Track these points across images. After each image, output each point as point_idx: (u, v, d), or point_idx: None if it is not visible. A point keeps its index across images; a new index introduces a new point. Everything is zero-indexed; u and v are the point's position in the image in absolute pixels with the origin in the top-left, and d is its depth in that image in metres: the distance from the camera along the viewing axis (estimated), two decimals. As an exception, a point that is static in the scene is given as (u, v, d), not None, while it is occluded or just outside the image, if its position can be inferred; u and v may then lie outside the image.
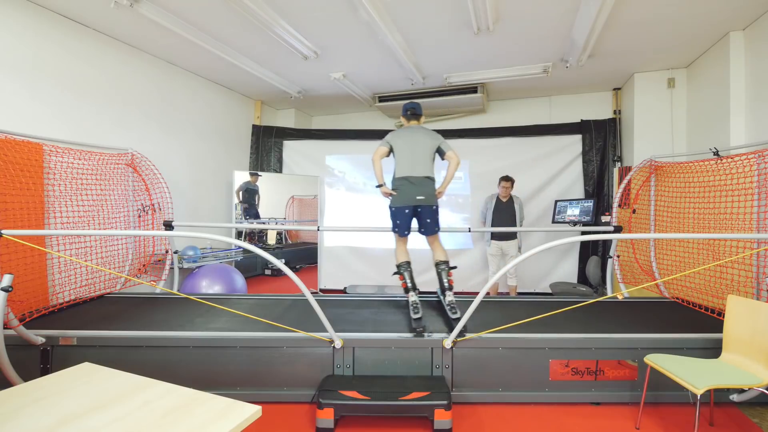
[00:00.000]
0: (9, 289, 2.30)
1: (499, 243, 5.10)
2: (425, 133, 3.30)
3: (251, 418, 1.30)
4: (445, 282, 3.25)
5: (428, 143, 3.24)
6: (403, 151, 3.23)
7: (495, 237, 5.12)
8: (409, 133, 3.30)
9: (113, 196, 4.01)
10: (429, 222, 3.23)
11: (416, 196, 3.15)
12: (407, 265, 3.28)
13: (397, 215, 3.24)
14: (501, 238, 5.08)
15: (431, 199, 3.19)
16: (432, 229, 3.26)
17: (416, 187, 3.16)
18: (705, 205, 3.68)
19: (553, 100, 6.06)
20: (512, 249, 5.06)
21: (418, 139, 3.25)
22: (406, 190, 3.17)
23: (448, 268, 3.30)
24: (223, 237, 2.57)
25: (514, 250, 5.05)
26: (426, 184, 3.18)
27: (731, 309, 2.48)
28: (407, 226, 3.25)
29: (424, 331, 2.83)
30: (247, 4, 3.38)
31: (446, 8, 3.54)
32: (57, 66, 3.61)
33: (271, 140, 6.35)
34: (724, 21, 3.78)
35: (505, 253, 5.10)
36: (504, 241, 5.07)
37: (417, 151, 3.20)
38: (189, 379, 2.69)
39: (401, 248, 3.35)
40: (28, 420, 1.26)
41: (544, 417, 2.58)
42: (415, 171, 3.18)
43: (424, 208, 3.20)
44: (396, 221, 3.26)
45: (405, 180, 3.18)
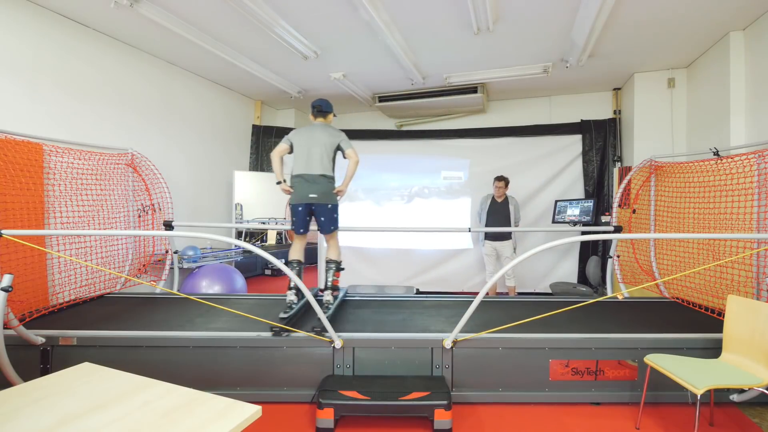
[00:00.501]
0: (9, 289, 2.30)
1: (493, 243, 5.08)
2: (325, 131, 3.28)
3: (251, 418, 1.30)
4: (329, 281, 3.28)
5: (326, 141, 3.23)
6: (301, 148, 3.25)
7: (489, 237, 5.10)
8: (308, 131, 3.30)
9: (113, 196, 4.01)
10: (323, 220, 3.24)
11: (309, 194, 3.16)
12: (297, 264, 3.27)
13: (293, 212, 3.25)
14: (495, 239, 5.06)
15: (325, 198, 3.19)
16: (327, 227, 3.26)
17: (310, 185, 3.17)
18: (705, 205, 3.68)
19: (553, 100, 6.07)
20: (507, 250, 5.03)
21: (316, 136, 3.24)
22: (301, 187, 3.19)
23: (336, 268, 3.34)
24: (223, 237, 2.57)
25: (508, 251, 5.03)
26: (320, 182, 3.18)
27: (731, 309, 2.48)
28: (302, 223, 3.25)
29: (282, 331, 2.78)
30: (247, 4, 3.39)
31: (446, 8, 3.54)
32: (57, 66, 3.61)
33: (271, 140, 6.34)
34: (724, 21, 3.78)
35: (499, 254, 5.08)
36: (497, 241, 5.05)
37: (314, 149, 3.21)
38: (189, 379, 2.69)
39: (296, 246, 3.34)
40: (28, 420, 1.26)
41: (544, 417, 2.58)
42: (310, 169, 3.18)
43: (318, 207, 3.20)
44: (293, 218, 3.26)
45: (300, 178, 3.20)
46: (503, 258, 5.05)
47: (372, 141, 6.29)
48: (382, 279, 6.02)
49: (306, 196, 3.16)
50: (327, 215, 3.23)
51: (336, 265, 3.36)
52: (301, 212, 3.21)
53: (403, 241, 6.05)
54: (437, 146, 6.11)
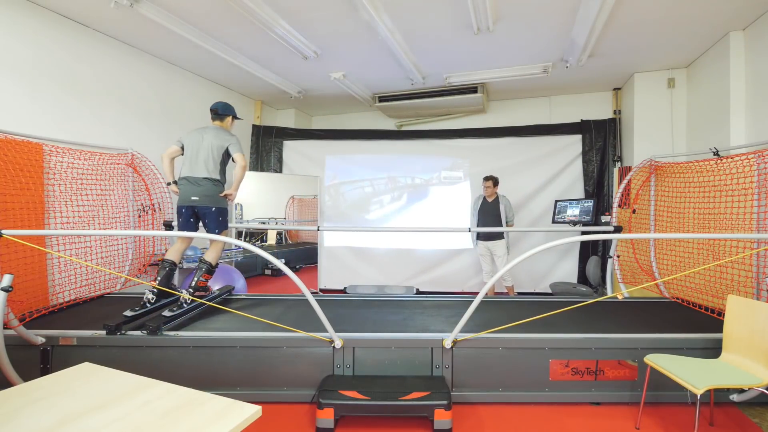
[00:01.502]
0: (9, 289, 2.30)
1: (485, 243, 5.08)
2: (215, 134, 3.28)
3: (251, 418, 1.30)
4: (194, 281, 3.24)
5: (214, 144, 3.23)
6: (189, 150, 3.26)
7: (480, 237, 5.11)
8: (199, 133, 3.30)
9: (113, 196, 4.01)
10: (207, 222, 3.25)
11: (191, 196, 3.17)
12: (170, 264, 3.23)
13: (178, 212, 3.26)
14: (486, 239, 5.06)
15: (207, 200, 3.18)
16: (210, 230, 3.26)
17: (193, 187, 3.17)
18: (705, 205, 3.68)
19: (553, 100, 6.06)
20: (499, 249, 5.03)
21: (205, 139, 3.25)
22: (185, 189, 3.19)
23: (207, 270, 3.27)
24: (223, 237, 2.57)
25: (501, 251, 5.02)
26: (204, 184, 3.18)
27: (731, 309, 2.48)
28: (185, 225, 3.24)
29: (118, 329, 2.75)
30: (247, 4, 3.38)
31: (446, 8, 3.54)
32: (57, 66, 3.61)
33: (271, 140, 6.34)
34: (724, 21, 3.78)
35: (493, 254, 5.08)
36: (489, 241, 5.05)
37: (201, 151, 3.21)
38: (189, 379, 2.69)
39: (175, 246, 3.31)
40: (28, 420, 1.26)
41: (544, 417, 2.58)
42: (195, 171, 3.19)
43: (200, 209, 3.21)
44: (179, 218, 3.27)
45: (185, 180, 3.21)
46: (497, 258, 5.05)
47: (372, 141, 6.29)
48: (382, 279, 6.02)
49: (188, 198, 3.17)
50: (210, 218, 3.23)
51: (207, 267, 3.28)
52: (185, 214, 3.22)
53: (403, 241, 6.05)
54: (437, 146, 6.12)
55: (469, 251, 5.90)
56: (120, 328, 2.77)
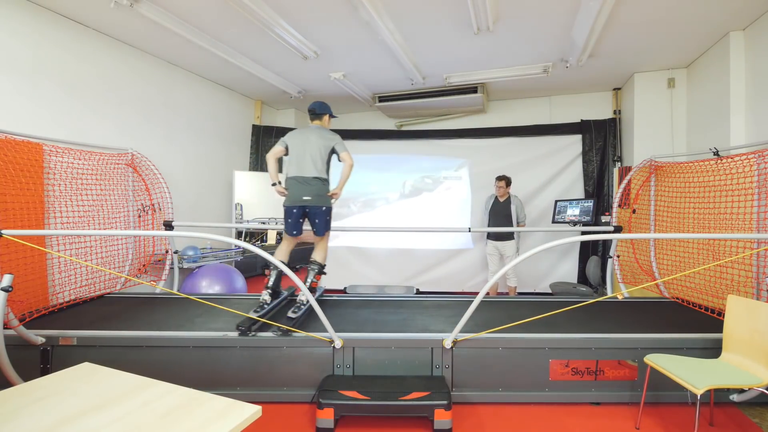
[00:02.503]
0: (9, 289, 2.30)
1: (494, 243, 5.09)
2: (319, 134, 3.28)
3: (251, 418, 1.30)
4: (308, 282, 3.27)
5: (320, 144, 3.23)
6: (295, 151, 3.25)
7: (491, 237, 5.11)
8: (303, 134, 3.30)
9: (113, 196, 4.01)
10: (317, 222, 3.26)
11: (303, 196, 3.17)
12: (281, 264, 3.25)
13: (287, 214, 3.26)
14: (497, 239, 5.07)
15: (318, 200, 3.19)
16: (320, 230, 3.29)
17: (304, 187, 3.17)
18: (705, 205, 3.68)
19: (553, 100, 6.06)
20: (509, 250, 5.04)
21: (311, 139, 3.24)
22: (294, 189, 3.19)
23: (319, 271, 3.35)
24: (223, 237, 2.57)
25: (511, 251, 5.03)
26: (314, 184, 3.18)
27: (731, 309, 2.47)
28: (295, 225, 3.25)
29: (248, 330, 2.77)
30: (247, 4, 3.38)
31: (446, 8, 3.54)
32: (57, 66, 3.61)
33: (271, 140, 6.34)
34: (724, 21, 3.78)
35: (502, 254, 5.09)
36: (499, 241, 5.06)
37: (307, 151, 3.21)
38: (189, 379, 2.69)
39: (283, 247, 3.35)
40: (28, 420, 1.26)
41: (544, 417, 2.58)
42: (304, 171, 3.19)
43: (312, 209, 3.21)
44: (288, 219, 3.27)
45: (294, 180, 3.20)
46: (506, 258, 5.05)
47: (372, 141, 6.29)
48: (382, 279, 6.02)
49: (300, 198, 3.17)
50: (321, 218, 3.24)
51: (319, 267, 3.36)
52: (295, 214, 3.22)
53: (403, 241, 6.05)
54: (437, 146, 6.11)
55: (470, 251, 5.90)
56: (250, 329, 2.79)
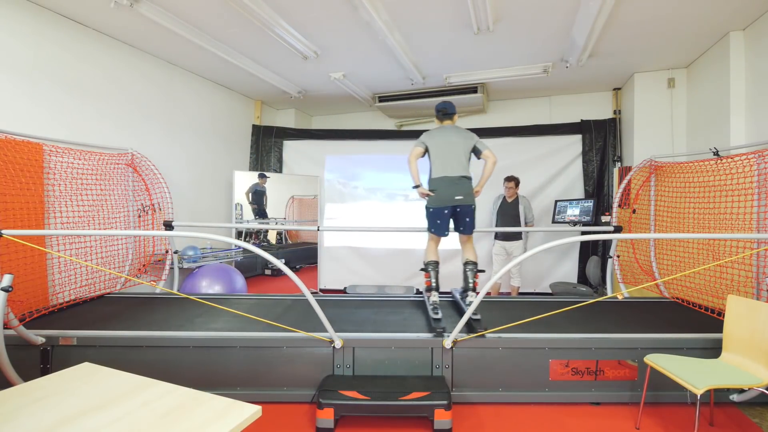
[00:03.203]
0: (9, 289, 2.30)
1: (502, 243, 5.10)
2: (460, 133, 3.31)
3: (251, 418, 1.30)
4: (470, 282, 3.26)
5: (463, 143, 3.25)
6: (439, 150, 3.24)
7: (498, 237, 5.12)
8: (444, 133, 3.31)
9: (113, 196, 4.01)
10: (468, 221, 3.25)
11: (455, 195, 3.16)
12: (435, 264, 3.33)
13: (437, 215, 3.24)
14: (504, 239, 5.07)
15: (469, 199, 3.20)
16: (470, 228, 3.28)
17: (454, 187, 3.16)
18: (705, 205, 3.68)
19: (553, 100, 6.06)
20: (517, 250, 5.04)
21: (453, 138, 3.26)
22: (445, 190, 3.18)
23: (476, 270, 3.32)
24: (223, 237, 2.57)
25: (518, 251, 5.03)
26: (464, 183, 3.19)
27: (731, 309, 2.47)
28: (446, 226, 3.26)
29: (444, 331, 2.80)
30: (247, 4, 3.38)
31: (446, 8, 3.54)
32: (57, 66, 3.61)
33: (271, 140, 6.34)
34: (724, 21, 3.78)
35: (509, 254, 5.09)
36: (506, 241, 5.07)
37: (453, 150, 3.21)
38: (189, 379, 2.69)
39: (432, 247, 3.38)
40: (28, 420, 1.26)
41: (544, 417, 2.58)
42: (453, 171, 3.18)
43: (463, 208, 3.21)
44: (436, 221, 3.25)
45: (441, 180, 3.19)
46: (513, 258, 5.05)
47: (372, 141, 6.29)
48: (382, 279, 6.02)
49: (452, 198, 3.16)
50: (471, 216, 3.25)
51: (475, 267, 3.33)
52: (447, 215, 3.22)
53: (403, 241, 6.05)
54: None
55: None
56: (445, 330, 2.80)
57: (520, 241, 5.05)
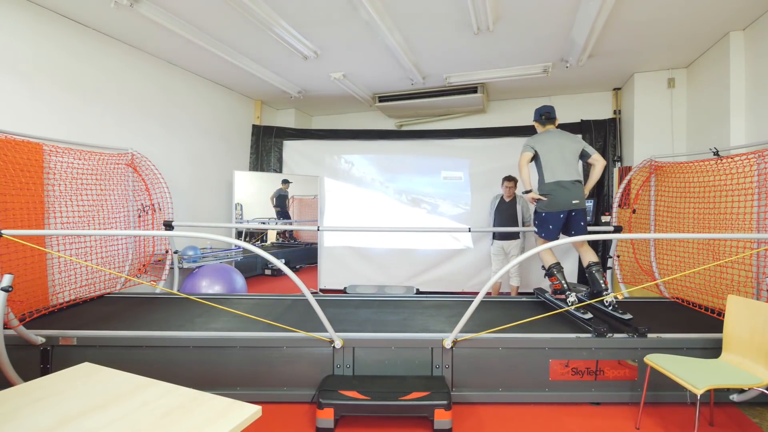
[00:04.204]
0: (9, 289, 2.30)
1: (500, 243, 5.12)
2: (568, 137, 3.33)
3: (251, 418, 1.30)
4: (601, 282, 3.21)
5: (573, 147, 3.27)
6: (551, 155, 3.25)
7: (497, 237, 5.13)
8: (552, 138, 3.32)
9: (113, 196, 4.01)
10: (582, 225, 3.26)
11: (572, 200, 3.17)
12: (559, 266, 3.32)
13: (551, 220, 3.23)
14: (502, 238, 5.09)
15: (583, 202, 3.22)
16: (585, 231, 3.29)
17: (570, 191, 3.17)
18: (705, 205, 3.68)
19: (553, 100, 6.05)
20: (514, 249, 5.06)
21: (563, 143, 3.27)
22: (561, 194, 3.18)
23: (602, 268, 3.32)
24: (223, 237, 2.57)
25: (516, 251, 5.05)
26: (578, 188, 3.21)
27: (731, 309, 2.48)
28: (560, 229, 3.26)
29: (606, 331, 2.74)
30: (247, 4, 3.38)
31: (446, 8, 3.54)
32: (57, 66, 3.61)
33: (271, 140, 6.34)
34: (724, 21, 3.78)
35: (507, 253, 5.11)
36: (505, 241, 5.09)
37: (565, 155, 3.23)
38: (189, 379, 2.69)
39: (549, 252, 3.38)
40: (28, 420, 1.26)
41: (544, 417, 2.58)
42: (567, 175, 3.19)
43: (578, 212, 3.22)
44: (549, 226, 3.25)
45: (557, 185, 3.19)
46: (511, 258, 5.07)
47: (372, 141, 6.29)
48: (382, 279, 6.02)
49: (569, 202, 3.17)
50: (584, 219, 3.27)
51: (599, 266, 3.29)
52: (562, 219, 3.21)
53: (403, 241, 6.05)
54: (437, 146, 6.11)
55: (470, 251, 5.90)
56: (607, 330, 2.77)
57: (518, 241, 5.06)
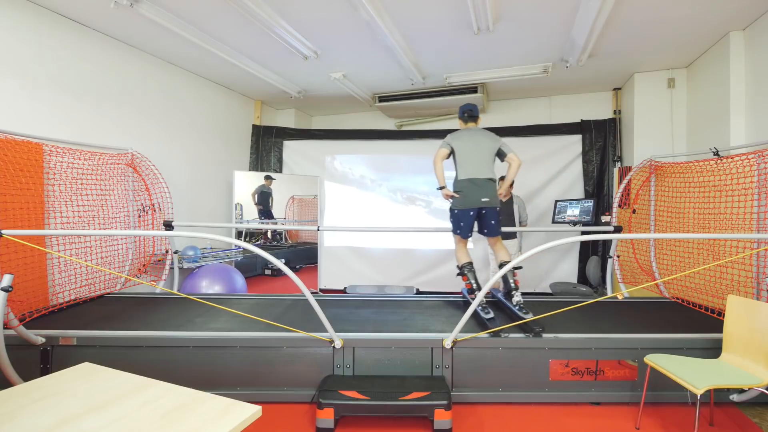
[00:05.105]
0: (9, 289, 2.30)
1: None
2: (486, 135, 3.32)
3: (251, 418, 1.30)
4: (511, 282, 3.25)
5: (490, 145, 3.26)
6: (466, 152, 3.24)
7: None
8: (469, 135, 3.31)
9: (113, 196, 4.01)
10: (493, 224, 3.25)
11: (481, 198, 3.16)
12: (470, 266, 3.31)
13: (462, 217, 3.24)
14: None
15: (495, 201, 3.21)
16: (496, 230, 3.28)
17: (481, 189, 3.17)
18: (705, 205, 3.68)
19: (553, 100, 6.06)
20: (511, 249, 5.05)
21: (479, 141, 3.27)
22: (471, 192, 3.18)
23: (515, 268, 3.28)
24: (223, 237, 2.57)
25: (513, 250, 5.05)
26: (490, 186, 3.20)
27: (731, 309, 2.48)
28: (471, 228, 3.27)
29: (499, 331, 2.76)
30: (247, 4, 3.38)
31: (446, 8, 3.54)
32: (57, 66, 3.61)
33: (271, 140, 6.34)
34: (724, 21, 3.78)
35: None
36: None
37: (480, 153, 3.22)
38: (189, 379, 2.69)
39: (463, 250, 3.37)
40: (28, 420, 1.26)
41: (544, 417, 2.58)
42: (479, 173, 3.19)
43: (489, 210, 3.21)
44: (460, 223, 3.25)
45: (468, 182, 3.19)
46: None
47: (372, 141, 6.29)
48: (382, 279, 6.02)
49: (478, 200, 3.17)
50: (496, 218, 3.25)
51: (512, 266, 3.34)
52: (472, 217, 3.22)
53: (403, 241, 6.05)
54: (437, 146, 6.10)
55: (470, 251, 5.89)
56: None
57: (515, 240, 5.05)
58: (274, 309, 3.50)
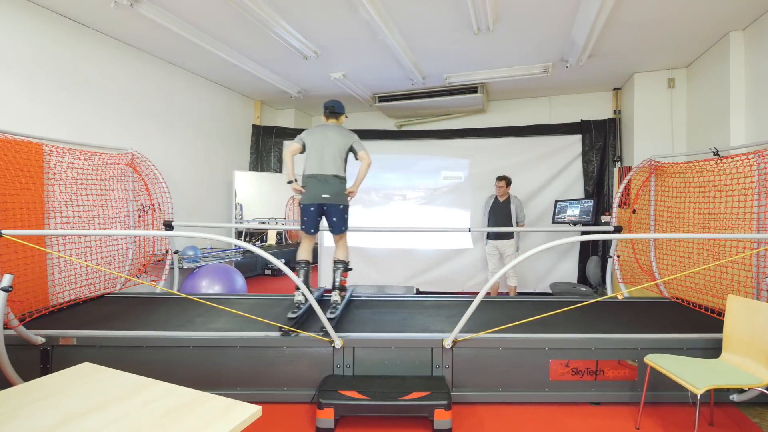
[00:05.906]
0: (9, 289, 2.30)
1: (494, 243, 5.12)
2: (338, 132, 3.28)
3: (251, 418, 1.30)
4: (337, 281, 3.31)
5: (340, 142, 3.24)
6: (314, 148, 3.23)
7: (491, 237, 5.14)
8: (321, 131, 3.29)
9: (113, 196, 4.01)
10: (335, 221, 3.24)
11: (322, 194, 3.15)
12: (305, 264, 3.30)
13: (304, 212, 3.23)
14: (496, 238, 5.09)
15: (337, 198, 3.18)
16: (338, 228, 3.27)
17: (323, 185, 3.16)
18: (705, 205, 3.68)
19: (553, 100, 6.06)
20: (509, 249, 5.06)
21: (329, 137, 3.24)
22: (313, 187, 3.17)
23: (344, 268, 3.37)
24: (223, 237, 2.57)
25: (511, 250, 5.05)
26: (333, 182, 3.17)
27: (731, 309, 2.47)
28: (313, 223, 3.24)
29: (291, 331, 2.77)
30: (246, 4, 3.38)
31: (446, 8, 3.54)
32: (57, 66, 3.61)
33: (271, 140, 6.34)
34: (724, 21, 3.78)
35: (501, 253, 5.11)
36: (499, 240, 5.09)
37: (327, 149, 3.20)
38: (189, 379, 2.69)
39: (304, 246, 3.34)
40: (28, 420, 1.26)
41: (544, 417, 2.58)
42: (323, 169, 3.17)
43: (330, 207, 3.20)
44: (304, 218, 3.24)
45: (313, 178, 3.18)
46: (506, 257, 5.07)
47: (372, 141, 6.27)
48: (382, 279, 6.01)
49: (319, 196, 3.15)
50: (339, 216, 3.23)
51: (344, 266, 3.37)
52: (313, 212, 3.20)
53: (403, 241, 6.05)
54: (437, 146, 6.12)
55: (469, 251, 5.90)
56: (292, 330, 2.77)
57: (512, 240, 5.07)
58: (274, 309, 3.50)
